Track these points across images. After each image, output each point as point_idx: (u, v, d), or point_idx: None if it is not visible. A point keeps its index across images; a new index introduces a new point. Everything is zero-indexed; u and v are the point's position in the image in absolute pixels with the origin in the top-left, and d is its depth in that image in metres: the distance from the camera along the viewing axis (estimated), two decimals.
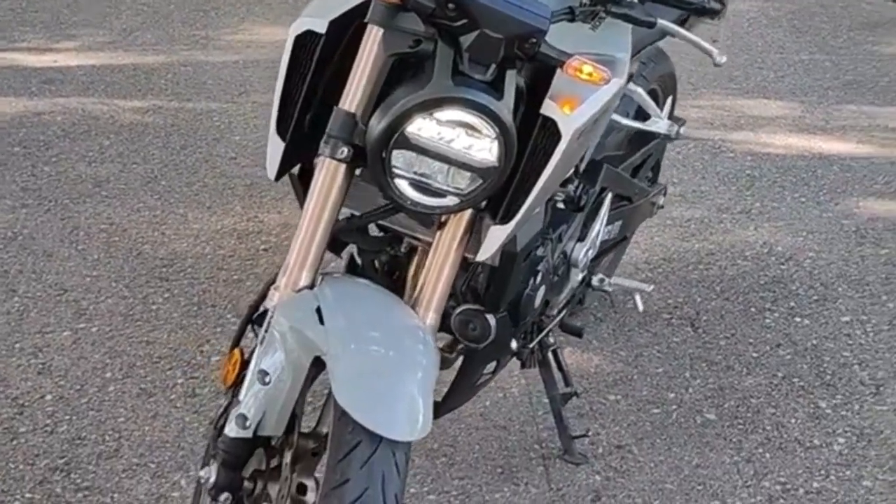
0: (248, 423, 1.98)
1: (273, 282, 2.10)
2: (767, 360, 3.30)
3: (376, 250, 2.24)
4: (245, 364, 2.09)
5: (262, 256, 3.88)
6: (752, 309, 3.59)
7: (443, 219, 2.08)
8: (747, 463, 2.83)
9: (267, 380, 1.97)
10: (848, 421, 3.01)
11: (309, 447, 2.04)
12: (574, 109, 2.01)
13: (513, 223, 2.05)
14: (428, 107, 1.89)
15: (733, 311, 3.58)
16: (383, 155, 1.92)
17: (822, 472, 2.81)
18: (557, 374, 2.81)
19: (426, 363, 1.94)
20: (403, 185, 1.94)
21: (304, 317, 1.95)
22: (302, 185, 2.25)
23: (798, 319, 3.52)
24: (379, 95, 1.97)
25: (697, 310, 3.57)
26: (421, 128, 1.90)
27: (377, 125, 1.92)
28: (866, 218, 4.23)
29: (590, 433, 2.88)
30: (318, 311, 1.94)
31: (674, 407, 3.07)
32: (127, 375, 3.19)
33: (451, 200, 1.96)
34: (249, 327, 2.15)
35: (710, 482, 2.76)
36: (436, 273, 2.09)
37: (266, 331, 1.99)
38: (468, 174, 1.94)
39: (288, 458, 1.99)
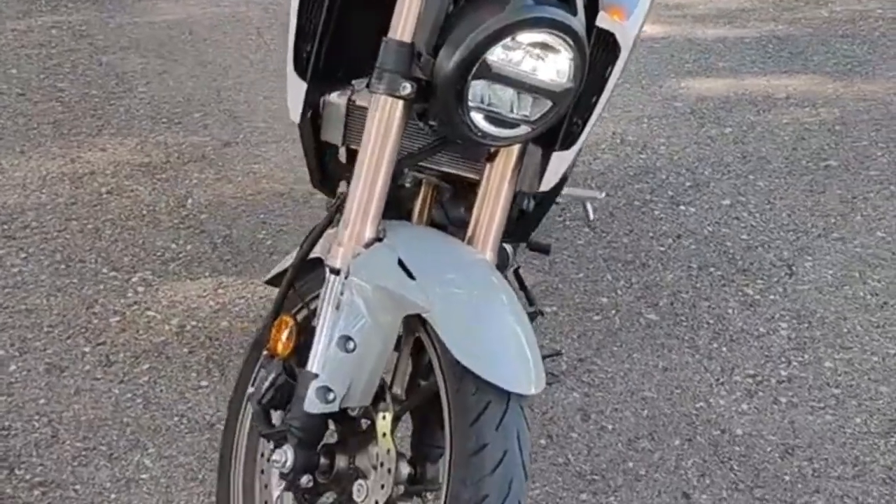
0: (332, 396, 1.79)
1: (313, 238, 1.91)
2: (676, 253, 3.31)
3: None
4: (302, 331, 1.89)
5: (110, 200, 3.56)
6: (636, 202, 3.60)
7: (492, 153, 1.93)
8: (710, 360, 2.84)
9: (350, 346, 1.78)
10: (780, 305, 3.07)
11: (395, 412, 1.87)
12: (626, 18, 1.90)
13: (575, 148, 1.93)
14: (511, 30, 1.72)
15: (619, 206, 3.57)
16: (459, 87, 1.75)
17: (783, 359, 2.85)
18: (520, 294, 2.71)
19: (519, 308, 1.81)
20: (479, 119, 1.78)
21: (389, 273, 1.76)
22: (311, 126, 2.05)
23: (683, 208, 3.55)
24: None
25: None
26: (502, 54, 1.73)
27: (452, 55, 1.74)
28: (694, 98, 4.31)
29: (562, 351, 2.82)
30: (401, 264, 1.77)
31: (613, 312, 3.04)
32: (23, 350, 2.85)
33: (522, 130, 1.81)
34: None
35: (685, 384, 2.76)
36: (489, 209, 1.95)
37: (342, 293, 1.80)
38: (538, 100, 1.80)
39: (386, 426, 1.81)
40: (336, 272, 1.81)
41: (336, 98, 1.99)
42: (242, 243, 3.35)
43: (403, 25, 1.78)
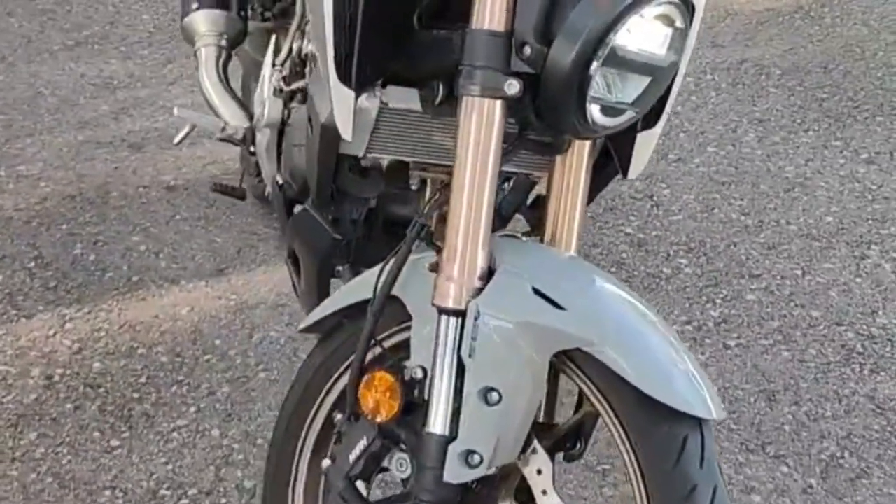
0: (477, 459, 1.51)
1: (393, 275, 1.60)
2: None
3: None
4: (409, 386, 1.59)
5: None
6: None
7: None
8: None
9: (494, 397, 1.50)
10: (667, 240, 3.00)
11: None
12: None
13: (661, 124, 1.72)
14: (639, 4, 1.49)
15: None
16: (581, 78, 1.49)
17: (706, 299, 2.79)
18: None
19: (665, 322, 1.60)
20: (595, 111, 1.53)
21: (530, 306, 1.49)
22: None
23: None
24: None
25: None
26: (626, 34, 1.49)
27: (574, 41, 1.47)
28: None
29: None
30: (538, 292, 1.51)
31: None
32: None
33: (628, 115, 1.58)
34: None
35: None
36: (568, 207, 1.71)
37: (474, 338, 1.51)
38: (639, 80, 1.58)
39: (546, 482, 1.55)
40: (457, 314, 1.53)
41: (365, 102, 1.67)
42: (62, 263, 2.88)
43: (492, 12, 1.49)
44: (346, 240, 1.89)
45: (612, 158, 1.73)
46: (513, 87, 1.48)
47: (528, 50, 1.48)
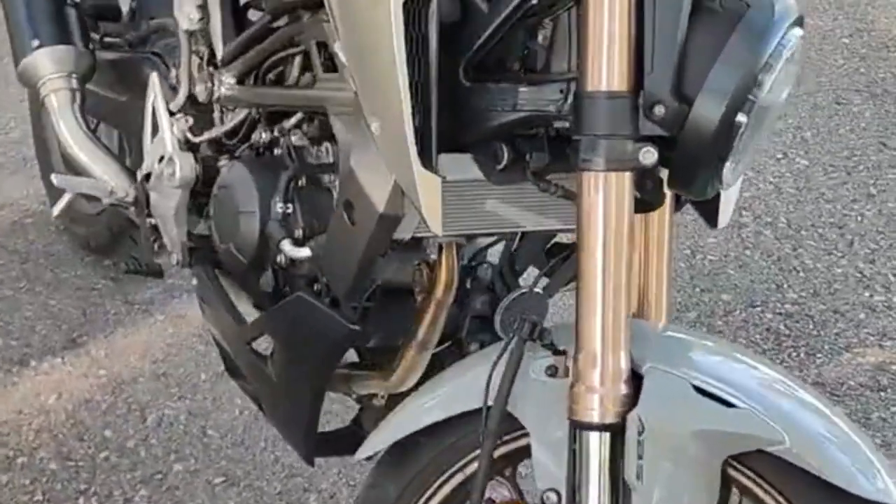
0: None
1: (506, 391, 1.34)
2: None
3: None
4: None
5: None
6: None
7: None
8: None
9: None
10: None
11: None
12: None
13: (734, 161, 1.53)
14: (780, 48, 1.27)
15: None
16: (727, 134, 1.27)
17: None
18: None
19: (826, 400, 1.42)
20: (729, 167, 1.32)
21: (698, 408, 1.28)
22: None
23: None
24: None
25: None
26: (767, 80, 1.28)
27: (721, 95, 1.24)
28: None
29: None
30: (701, 391, 1.30)
31: None
32: None
33: (745, 166, 1.39)
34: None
35: None
36: (655, 271, 1.51)
37: (640, 456, 1.28)
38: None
39: None
40: (606, 429, 1.29)
41: None
42: None
43: (611, 71, 1.25)
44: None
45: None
46: (649, 155, 1.25)
47: (660, 110, 1.25)
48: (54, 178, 2.00)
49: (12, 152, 3.23)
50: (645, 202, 1.39)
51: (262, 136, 1.75)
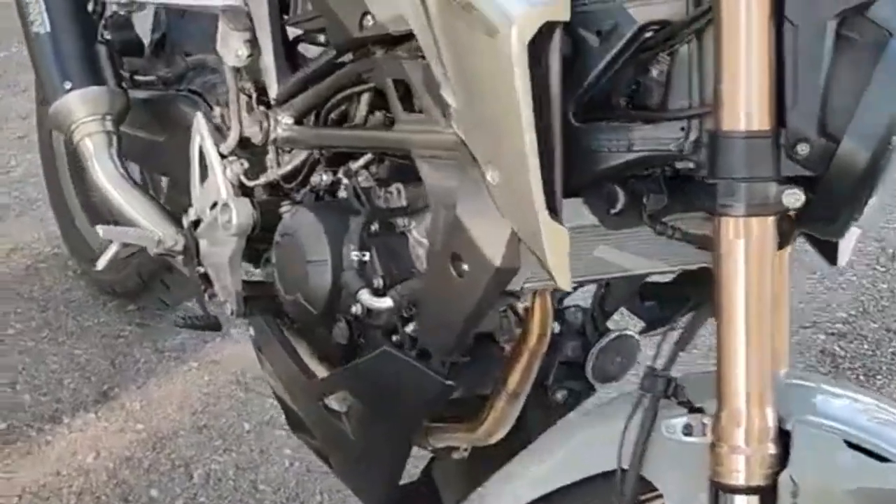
0: None
1: (639, 455, 1.25)
2: None
3: None
4: None
5: None
6: None
7: None
8: None
9: None
10: None
11: None
12: None
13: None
14: None
15: None
16: (874, 173, 1.19)
17: None
18: None
19: None
20: (872, 205, 1.23)
21: (853, 465, 1.20)
22: None
23: None
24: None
25: None
26: None
27: (866, 132, 1.16)
28: None
29: None
30: (854, 446, 1.21)
31: None
32: None
33: None
34: None
35: None
36: (781, 313, 1.41)
37: None
38: None
39: None
40: (755, 492, 1.20)
41: None
42: None
43: (749, 109, 1.16)
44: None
45: None
46: (795, 198, 1.16)
47: (804, 149, 1.16)
48: (100, 230, 1.89)
49: (16, 192, 3.10)
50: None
51: (322, 178, 1.65)
